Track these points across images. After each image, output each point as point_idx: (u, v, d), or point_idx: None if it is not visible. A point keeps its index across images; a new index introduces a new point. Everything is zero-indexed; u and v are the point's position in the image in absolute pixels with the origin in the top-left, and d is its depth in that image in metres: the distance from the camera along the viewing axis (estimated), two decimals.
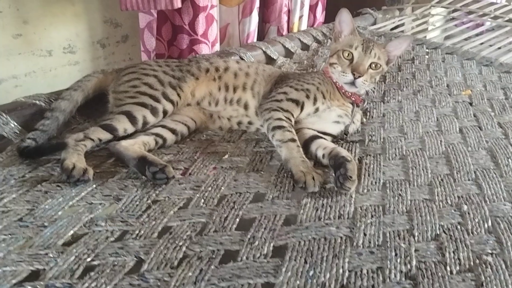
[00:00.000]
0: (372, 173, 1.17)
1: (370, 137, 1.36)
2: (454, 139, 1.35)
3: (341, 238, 0.92)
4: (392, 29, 2.51)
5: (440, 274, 0.84)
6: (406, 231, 0.95)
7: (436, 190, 1.10)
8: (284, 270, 0.82)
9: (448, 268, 0.86)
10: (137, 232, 0.91)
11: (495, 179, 1.15)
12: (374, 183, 1.13)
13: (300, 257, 0.86)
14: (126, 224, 0.93)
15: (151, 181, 1.08)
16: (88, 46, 2.06)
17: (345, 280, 0.81)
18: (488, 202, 1.06)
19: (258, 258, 0.85)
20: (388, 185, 1.12)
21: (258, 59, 1.92)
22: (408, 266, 0.85)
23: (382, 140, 1.35)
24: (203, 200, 1.03)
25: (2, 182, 1.06)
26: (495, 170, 1.19)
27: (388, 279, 0.82)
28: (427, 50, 2.13)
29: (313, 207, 1.01)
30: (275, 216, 0.98)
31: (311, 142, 1.24)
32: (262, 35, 2.36)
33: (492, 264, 0.87)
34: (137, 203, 1.01)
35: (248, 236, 0.91)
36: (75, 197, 1.01)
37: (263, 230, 0.93)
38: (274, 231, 0.93)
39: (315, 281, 0.81)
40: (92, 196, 1.02)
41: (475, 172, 1.18)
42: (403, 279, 0.83)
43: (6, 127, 1.24)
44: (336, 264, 0.85)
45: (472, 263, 0.87)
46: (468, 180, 1.15)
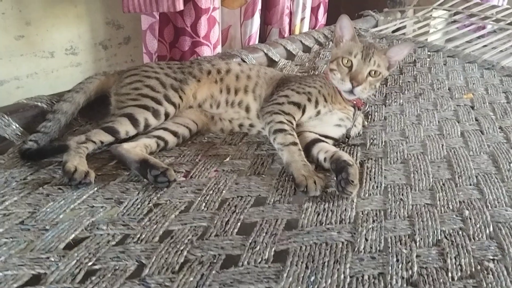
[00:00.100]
0: (374, 177, 1.17)
1: (372, 140, 1.36)
2: (455, 143, 1.35)
3: (342, 243, 0.92)
4: (393, 31, 2.51)
5: (441, 280, 0.84)
6: (407, 236, 0.95)
7: (437, 195, 1.10)
8: (285, 275, 0.82)
9: (450, 274, 0.85)
10: (138, 236, 0.91)
11: (496, 184, 1.15)
12: (376, 187, 1.13)
13: (301, 262, 0.86)
14: (127, 228, 0.93)
15: (153, 184, 1.08)
16: (90, 48, 2.06)
17: (346, 286, 0.81)
18: (489, 208, 1.06)
19: (259, 263, 0.85)
20: (389, 189, 1.12)
21: (260, 61, 1.92)
22: (410, 272, 0.85)
23: (383, 143, 1.35)
24: (204, 204, 1.03)
25: (4, 185, 1.06)
26: (496, 175, 1.19)
27: (389, 285, 0.82)
28: (429, 53, 2.12)
29: (314, 211, 1.01)
30: (277, 221, 0.98)
31: (312, 145, 1.24)
32: (263, 37, 2.37)
33: (493, 270, 0.86)
34: (138, 206, 1.01)
35: (250, 241, 0.91)
36: (77, 200, 1.01)
37: (264, 234, 0.93)
38: (275, 236, 0.93)
39: (316, 287, 0.80)
40: (94, 199, 1.02)
41: (476, 177, 1.18)
42: (405, 285, 0.82)
43: (8, 128, 1.24)
44: (338, 269, 0.85)
45: (473, 269, 0.87)
46: (470, 185, 1.15)
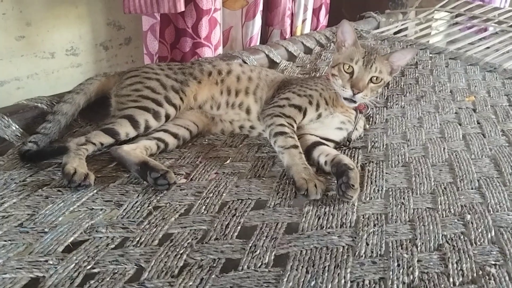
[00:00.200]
0: (375, 180, 1.16)
1: (373, 143, 1.35)
2: (457, 146, 1.35)
3: (343, 247, 0.91)
4: (395, 33, 2.50)
5: (443, 285, 0.83)
6: (408, 241, 0.94)
7: (439, 198, 1.09)
8: (285, 280, 0.82)
9: (451, 280, 0.85)
10: (137, 239, 0.91)
11: (498, 188, 1.14)
12: (377, 191, 1.12)
13: (302, 266, 0.85)
14: (126, 231, 0.93)
15: (153, 186, 1.07)
16: (91, 48, 2.05)
17: None
18: (491, 212, 1.05)
19: (260, 267, 0.85)
20: (390, 193, 1.11)
21: (261, 62, 1.91)
22: (411, 277, 0.84)
23: (384, 146, 1.34)
24: (204, 207, 1.02)
25: (3, 186, 1.05)
26: (498, 179, 1.18)
27: None
28: (431, 55, 2.12)
29: (315, 215, 1.01)
30: (277, 224, 0.97)
31: (313, 148, 1.23)
32: (265, 38, 2.36)
33: (495, 276, 0.86)
34: (138, 209, 1.00)
35: (250, 245, 0.90)
36: (76, 202, 1.01)
37: (264, 238, 0.92)
38: (275, 240, 0.92)
39: None
40: (93, 201, 1.02)
41: (478, 181, 1.17)
42: None
43: (8, 130, 1.24)
44: (338, 274, 0.84)
45: (475, 275, 0.86)
46: (472, 188, 1.14)
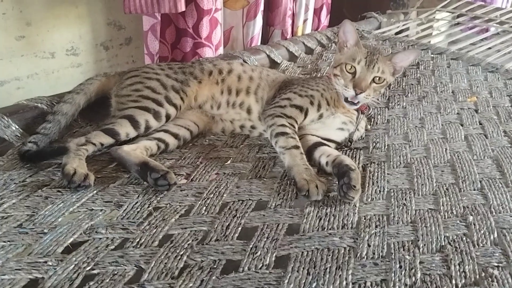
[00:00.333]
0: (376, 181, 1.15)
1: (375, 144, 1.35)
2: (459, 147, 1.34)
3: (344, 248, 0.91)
4: (396, 33, 2.50)
5: (445, 287, 0.82)
6: (410, 242, 0.94)
7: (441, 200, 1.09)
8: (286, 281, 0.81)
9: (454, 281, 0.84)
10: (137, 240, 0.90)
11: (501, 189, 1.13)
12: (378, 191, 1.11)
13: (303, 268, 0.85)
14: (126, 232, 0.92)
15: (153, 187, 1.07)
16: (91, 48, 2.05)
17: None
18: (494, 213, 1.04)
19: (260, 268, 0.84)
20: (392, 194, 1.11)
21: (262, 62, 1.91)
22: (413, 279, 0.84)
23: (386, 147, 1.33)
24: (205, 208, 1.01)
25: (3, 187, 1.04)
26: (501, 180, 1.17)
27: None
28: (432, 55, 2.11)
29: (316, 216, 1.00)
30: (278, 225, 0.97)
31: (314, 149, 1.22)
32: (266, 38, 2.35)
33: (498, 277, 0.85)
34: (138, 209, 0.99)
35: (250, 246, 0.89)
36: (76, 203, 1.00)
37: (265, 239, 0.92)
38: (276, 241, 0.91)
39: None
40: (93, 202, 1.01)
41: (480, 182, 1.17)
42: None
43: (7, 130, 1.23)
44: (340, 276, 0.83)
45: (477, 276, 0.85)
46: (474, 190, 1.14)
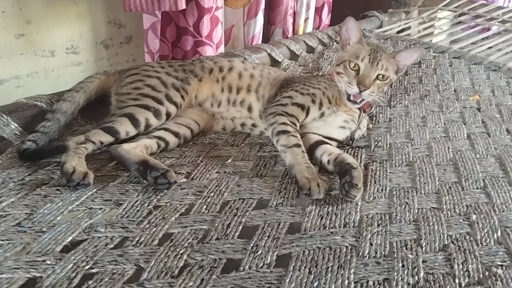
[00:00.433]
0: (379, 180, 1.14)
1: (377, 142, 1.34)
2: (462, 145, 1.33)
3: (346, 247, 0.90)
4: (398, 32, 2.49)
5: (448, 286, 0.82)
6: (413, 241, 0.93)
7: (444, 198, 1.08)
8: (288, 281, 0.80)
9: (457, 281, 0.83)
10: (137, 239, 0.89)
11: (504, 188, 1.12)
12: (381, 190, 1.10)
13: (304, 267, 0.84)
14: (126, 231, 0.91)
15: (153, 186, 1.06)
16: (91, 47, 2.04)
17: None
18: (497, 212, 1.04)
19: (261, 267, 0.83)
20: (394, 192, 1.10)
21: (263, 61, 1.90)
22: (416, 278, 0.83)
23: (388, 145, 1.32)
24: (205, 206, 1.00)
25: (1, 185, 1.03)
26: (504, 178, 1.17)
27: None
28: (434, 54, 2.10)
29: (318, 214, 0.99)
30: (279, 224, 0.96)
31: (316, 147, 1.22)
32: (267, 37, 2.34)
33: (502, 276, 0.84)
34: (138, 208, 0.98)
35: (251, 245, 0.88)
36: (75, 201, 0.99)
37: (266, 238, 0.91)
38: (277, 240, 0.90)
39: None
40: (92, 200, 1.00)
41: (483, 180, 1.16)
42: None
43: (7, 128, 1.22)
44: (341, 275, 0.82)
45: (481, 276, 0.85)
46: (477, 188, 1.13)
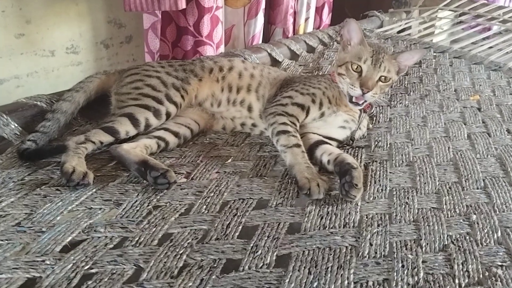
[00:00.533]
0: (379, 180, 1.14)
1: (377, 142, 1.34)
2: (462, 145, 1.33)
3: (346, 247, 0.89)
4: (398, 32, 2.48)
5: (448, 287, 0.81)
6: (413, 241, 0.93)
7: (444, 198, 1.08)
8: (287, 281, 0.80)
9: (457, 281, 0.83)
10: (137, 239, 0.89)
11: (504, 188, 1.12)
12: (381, 190, 1.10)
13: (304, 267, 0.83)
14: (126, 231, 0.91)
15: (153, 186, 1.05)
16: (91, 47, 2.04)
17: None
18: (497, 212, 1.03)
19: (261, 268, 0.83)
20: (394, 192, 1.09)
21: (263, 61, 1.89)
22: (416, 278, 0.83)
23: (388, 145, 1.32)
24: (205, 206, 1.00)
25: (1, 185, 1.03)
26: (504, 179, 1.16)
27: None
28: (435, 54, 2.10)
29: (317, 215, 0.99)
30: (279, 224, 0.95)
31: (316, 147, 1.21)
32: (267, 37, 2.34)
33: (502, 277, 0.84)
34: (137, 208, 0.98)
35: (251, 245, 0.88)
36: (75, 201, 0.99)
37: (266, 238, 0.91)
38: (277, 240, 0.90)
39: None
40: (92, 200, 1.00)
41: (484, 180, 1.15)
42: None
43: (7, 128, 1.22)
44: (341, 275, 0.82)
45: (481, 276, 0.84)
46: (477, 188, 1.12)
